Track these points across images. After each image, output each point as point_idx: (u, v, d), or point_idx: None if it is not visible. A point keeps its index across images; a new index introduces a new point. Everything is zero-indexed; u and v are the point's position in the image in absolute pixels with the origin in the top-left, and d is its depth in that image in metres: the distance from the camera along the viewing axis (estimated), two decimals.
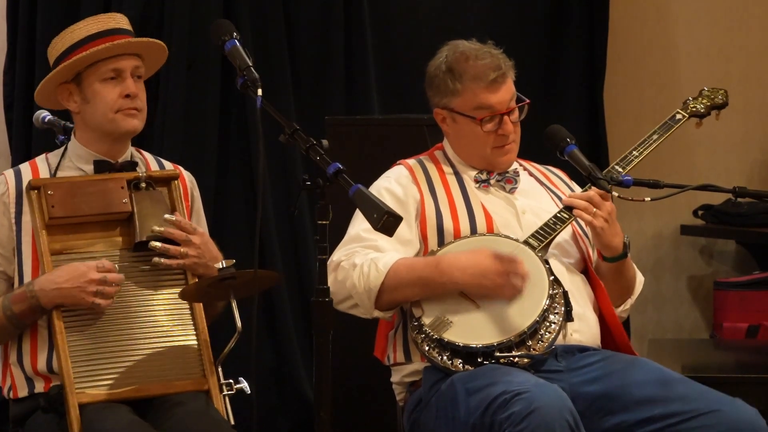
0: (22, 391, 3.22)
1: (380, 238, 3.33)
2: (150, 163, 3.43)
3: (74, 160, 3.34)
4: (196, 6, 4.73)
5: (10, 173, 3.32)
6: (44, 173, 3.32)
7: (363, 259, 3.31)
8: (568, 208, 3.41)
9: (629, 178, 3.49)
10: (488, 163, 3.51)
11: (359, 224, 3.40)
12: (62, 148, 3.37)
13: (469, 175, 3.52)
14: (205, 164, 4.70)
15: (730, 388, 3.29)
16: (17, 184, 3.27)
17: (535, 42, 5.34)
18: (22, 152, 4.67)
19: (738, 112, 5.52)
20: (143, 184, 3.27)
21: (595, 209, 3.34)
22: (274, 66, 4.85)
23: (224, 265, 3.13)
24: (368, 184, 3.47)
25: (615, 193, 3.42)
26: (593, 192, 3.38)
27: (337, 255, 3.35)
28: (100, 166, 3.31)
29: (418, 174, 3.52)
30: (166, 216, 3.24)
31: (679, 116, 3.72)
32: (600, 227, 3.35)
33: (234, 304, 3.15)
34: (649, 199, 3.54)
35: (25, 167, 3.34)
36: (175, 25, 4.68)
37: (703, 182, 3.73)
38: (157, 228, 3.22)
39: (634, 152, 3.57)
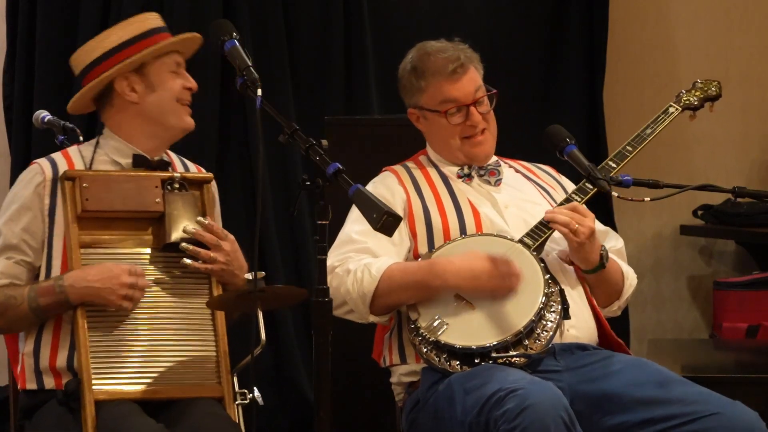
0: (30, 384, 3.21)
1: (370, 240, 3.35)
2: (176, 163, 3.44)
3: (110, 153, 3.33)
4: (195, 6, 4.73)
5: (45, 162, 3.30)
6: (79, 165, 3.30)
7: (356, 265, 3.32)
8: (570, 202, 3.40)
9: (629, 178, 3.48)
10: (465, 156, 3.52)
11: (350, 225, 3.41)
12: (93, 141, 3.36)
13: (452, 172, 3.54)
14: (205, 164, 4.69)
15: (729, 388, 3.29)
16: (54, 174, 3.26)
17: (535, 42, 5.34)
18: (21, 152, 4.67)
19: (737, 112, 5.53)
20: (176, 185, 3.27)
21: (577, 225, 3.31)
22: (273, 66, 4.85)
23: (254, 278, 3.12)
24: (366, 184, 3.47)
25: (615, 193, 3.42)
26: (577, 204, 3.37)
27: (331, 260, 3.34)
28: (138, 161, 3.31)
29: (403, 176, 3.55)
30: (199, 219, 3.24)
31: (672, 109, 3.70)
32: (579, 243, 3.32)
33: (260, 317, 3.15)
34: (648, 199, 3.53)
35: (59, 158, 3.32)
36: (174, 25, 4.67)
37: (702, 182, 3.72)
38: (190, 228, 3.21)
39: (628, 147, 3.56)
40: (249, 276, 3.10)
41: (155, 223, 3.24)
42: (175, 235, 3.21)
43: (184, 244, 3.20)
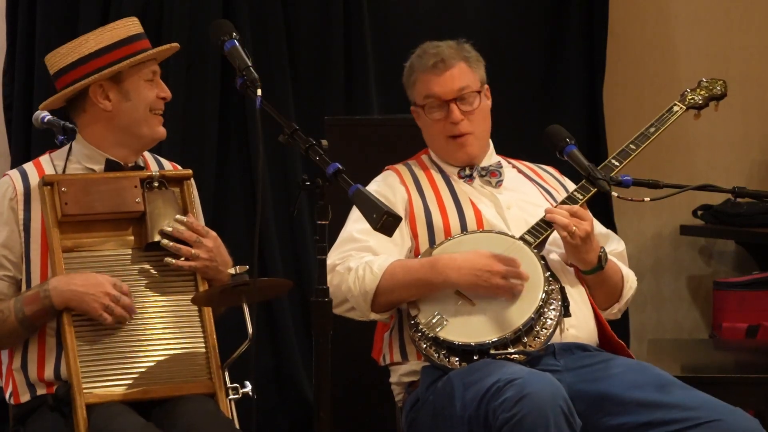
0: (24, 397, 3.20)
1: (372, 239, 3.35)
2: (149, 162, 3.42)
3: (82, 161, 3.30)
4: (195, 6, 4.73)
5: (15, 174, 3.27)
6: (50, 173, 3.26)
7: (358, 263, 3.32)
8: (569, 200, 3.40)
9: (629, 178, 3.47)
10: (449, 158, 3.52)
11: (352, 224, 3.41)
12: (65, 149, 3.34)
13: (453, 172, 3.54)
14: (204, 164, 4.70)
15: (729, 389, 3.30)
16: (25, 187, 3.24)
17: (535, 42, 5.34)
18: (21, 152, 4.67)
19: (737, 112, 5.52)
20: (156, 184, 3.25)
21: (574, 228, 3.30)
22: (273, 66, 4.85)
23: (237, 272, 3.11)
24: (367, 184, 3.47)
25: (615, 194, 3.42)
26: (577, 207, 3.37)
27: (332, 258, 3.35)
28: (111, 166, 3.28)
29: (405, 176, 3.55)
30: (177, 216, 3.23)
31: (676, 108, 3.69)
32: (574, 245, 3.33)
33: (246, 311, 3.15)
34: (648, 199, 3.52)
35: (30, 168, 3.30)
36: (174, 25, 4.68)
37: (702, 182, 3.72)
38: (166, 227, 3.21)
39: (631, 146, 3.56)
40: (232, 271, 3.10)
41: (136, 223, 3.23)
42: (156, 234, 3.20)
43: (165, 241, 3.20)
